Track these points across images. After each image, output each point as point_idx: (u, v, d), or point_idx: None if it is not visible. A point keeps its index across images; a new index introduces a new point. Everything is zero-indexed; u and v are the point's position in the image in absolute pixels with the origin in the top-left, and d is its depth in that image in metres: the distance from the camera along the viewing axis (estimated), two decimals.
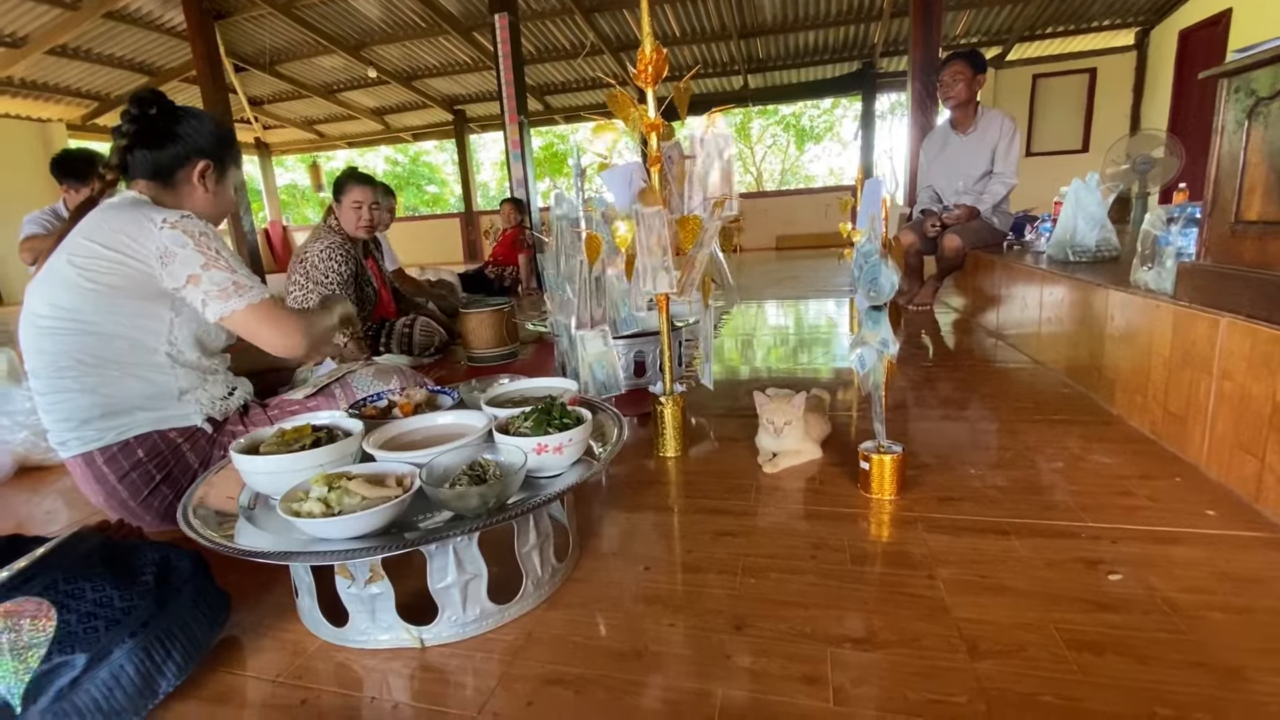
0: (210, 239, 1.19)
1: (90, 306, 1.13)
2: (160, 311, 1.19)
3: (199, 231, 1.17)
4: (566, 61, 9.23)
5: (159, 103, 1.26)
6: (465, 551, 0.86)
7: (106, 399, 1.16)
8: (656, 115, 1.32)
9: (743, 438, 1.59)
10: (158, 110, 1.25)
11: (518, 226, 5.59)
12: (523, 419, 0.97)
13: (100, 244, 1.13)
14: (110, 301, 1.14)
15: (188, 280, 1.15)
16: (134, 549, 0.85)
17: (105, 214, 1.17)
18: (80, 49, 7.79)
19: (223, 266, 1.18)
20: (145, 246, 1.13)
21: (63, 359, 1.13)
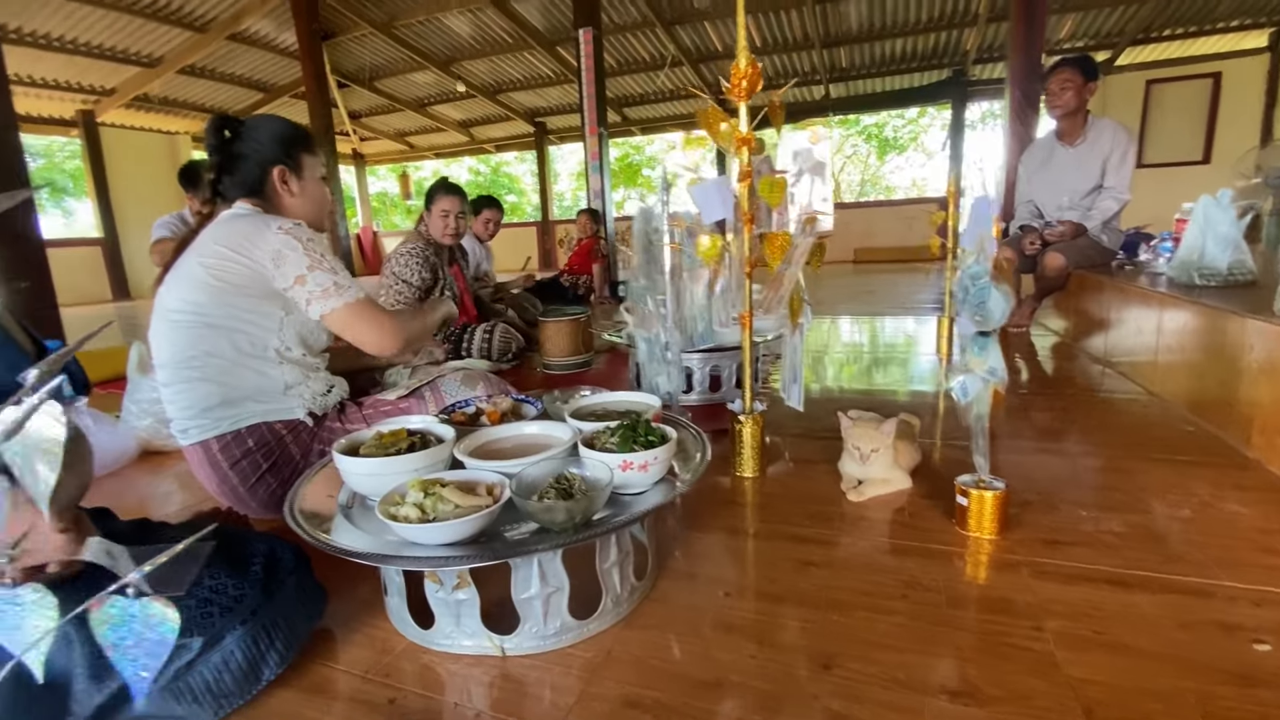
0: (316, 244, 1.28)
1: (214, 302, 1.23)
2: (272, 310, 1.28)
3: (307, 238, 1.27)
4: (645, 74, 9.36)
5: (227, 127, 1.36)
6: (549, 564, 0.86)
7: (223, 389, 1.25)
8: (749, 129, 1.30)
9: (823, 461, 1.53)
10: (229, 135, 1.35)
11: (593, 236, 5.68)
12: (609, 434, 0.97)
13: (225, 246, 1.23)
14: (232, 298, 1.24)
15: (295, 280, 1.24)
16: (244, 540, 0.90)
17: (229, 221, 1.28)
18: (205, 68, 8.57)
19: (325, 269, 1.26)
20: (262, 249, 1.22)
21: (189, 350, 1.24)
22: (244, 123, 1.37)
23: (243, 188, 1.34)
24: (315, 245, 1.27)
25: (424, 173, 15.68)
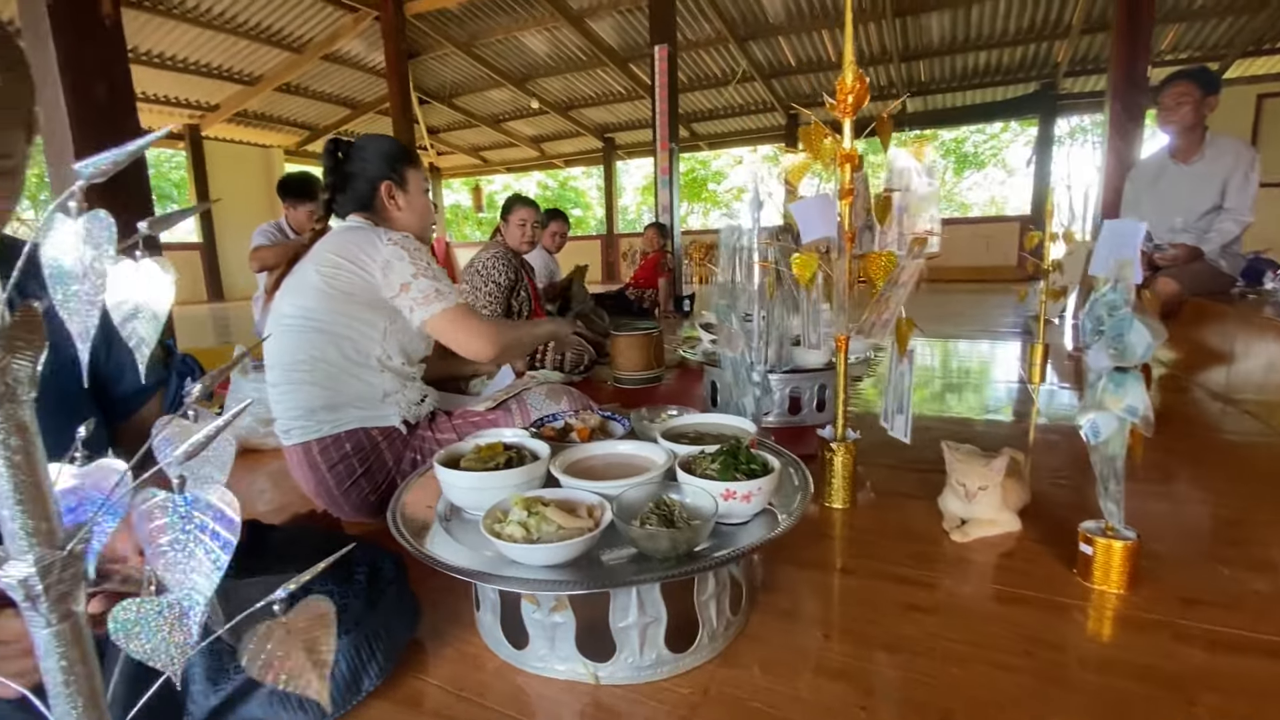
0: (421, 254, 1.33)
1: (325, 308, 1.28)
2: (378, 319, 1.33)
3: (414, 248, 1.33)
4: (716, 89, 9.35)
5: (339, 149, 1.44)
6: (647, 594, 0.83)
7: (327, 394, 1.29)
8: (853, 146, 1.25)
9: (919, 495, 1.44)
10: (341, 156, 1.43)
11: (660, 251, 5.69)
12: (709, 460, 0.94)
13: (339, 255, 1.29)
14: (342, 305, 1.29)
15: (400, 288, 1.29)
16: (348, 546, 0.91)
17: (343, 233, 1.35)
18: (299, 86, 9.13)
19: (428, 276, 1.31)
20: (374, 258, 1.28)
21: (298, 354, 1.29)
22: (354, 144, 1.45)
23: (354, 203, 1.41)
24: (420, 255, 1.33)
25: (495, 186, 16.18)
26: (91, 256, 0.32)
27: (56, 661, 0.37)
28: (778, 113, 9.95)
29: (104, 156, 0.30)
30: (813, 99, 9.40)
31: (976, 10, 6.97)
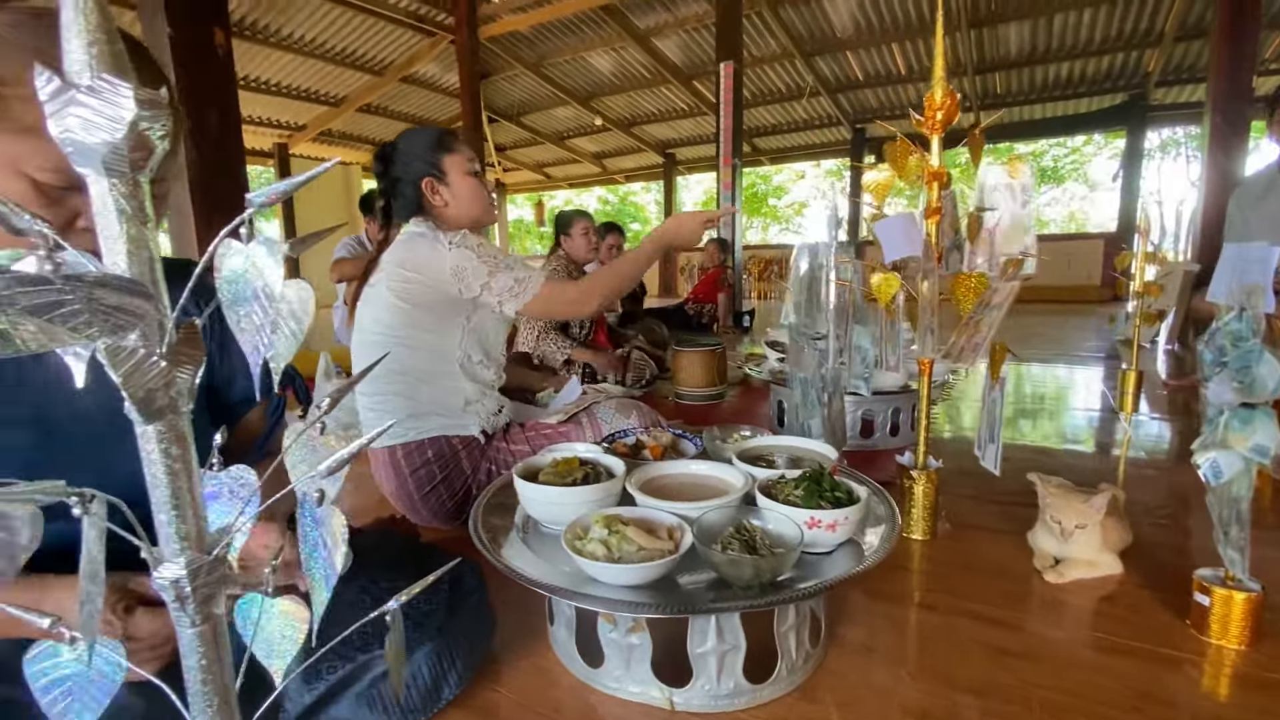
0: (486, 249, 1.33)
1: (401, 321, 1.33)
2: (457, 320, 1.36)
3: (477, 245, 1.32)
4: (779, 104, 9.29)
5: (384, 156, 1.45)
6: (727, 621, 0.82)
7: (411, 403, 1.34)
8: (941, 163, 1.21)
9: (1004, 529, 1.37)
10: (383, 164, 1.45)
11: (720, 266, 5.67)
12: (791, 485, 0.91)
13: (407, 268, 1.32)
14: (417, 316, 1.33)
15: (482, 289, 1.31)
16: (430, 553, 0.94)
17: (406, 244, 1.36)
18: (379, 106, 9.62)
19: (503, 269, 1.31)
20: (442, 266, 1.30)
21: (383, 366, 1.34)
22: (388, 147, 1.45)
23: (407, 209, 1.42)
24: (486, 250, 1.32)
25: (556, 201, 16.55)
26: (262, 282, 0.34)
27: (197, 660, 0.39)
28: (843, 127, 9.78)
29: (274, 188, 0.32)
30: (880, 112, 9.21)
31: (1059, 20, 6.67)
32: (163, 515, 0.37)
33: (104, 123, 0.31)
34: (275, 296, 0.33)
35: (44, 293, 0.28)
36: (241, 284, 0.34)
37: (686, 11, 7.28)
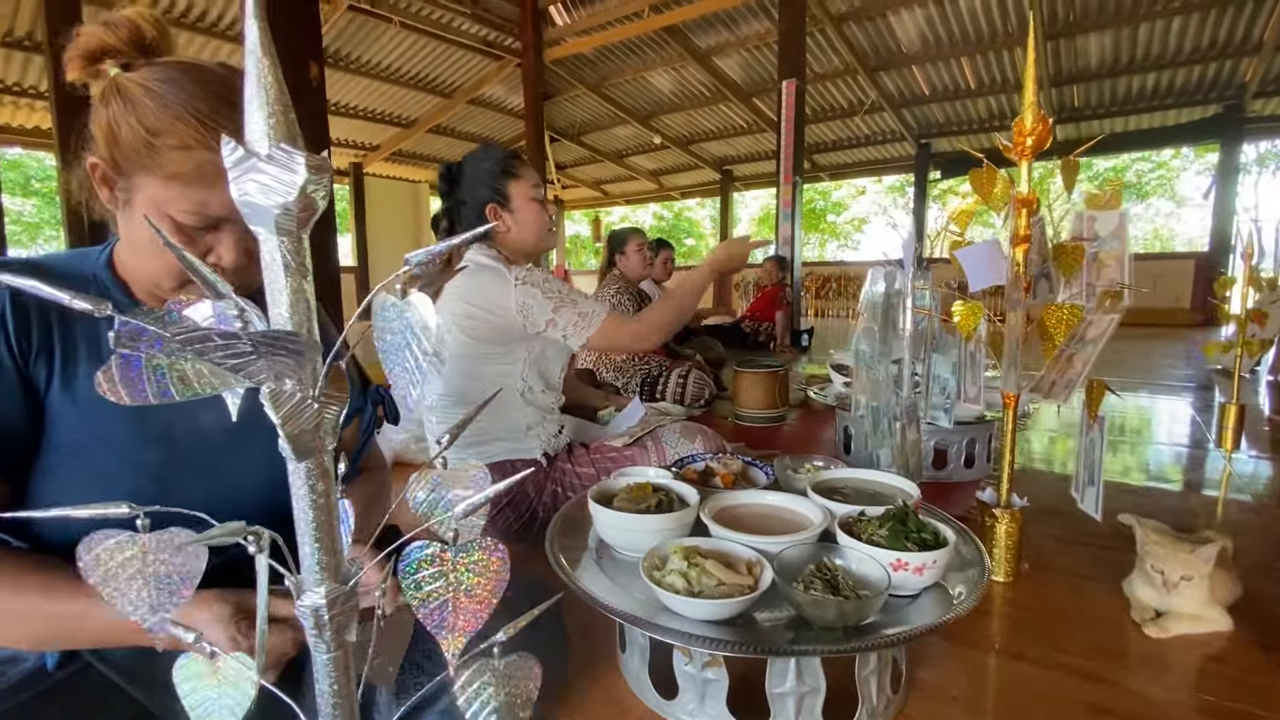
0: (551, 284, 1.35)
1: (464, 354, 1.37)
2: (518, 353, 1.39)
3: (542, 281, 1.34)
4: (842, 120, 9.17)
5: (449, 176, 1.46)
6: (807, 663, 0.80)
7: (478, 429, 1.38)
8: (1031, 190, 1.16)
9: (1093, 574, 1.29)
10: (449, 184, 1.46)
11: (778, 284, 5.60)
12: (874, 524, 0.89)
13: (470, 304, 1.35)
14: (481, 349, 1.37)
15: (547, 324, 1.34)
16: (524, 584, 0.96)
17: (471, 276, 1.38)
18: (446, 127, 10.03)
19: (568, 304, 1.34)
20: (508, 303, 1.33)
21: (450, 395, 1.39)
22: (455, 167, 1.46)
23: (468, 229, 1.42)
24: (551, 285, 1.34)
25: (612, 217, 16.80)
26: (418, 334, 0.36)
27: (330, 684, 0.41)
28: (907, 142, 9.56)
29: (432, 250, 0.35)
30: (946, 128, 8.96)
31: (1146, 29, 6.35)
32: (307, 546, 0.40)
33: (279, 187, 0.34)
34: (429, 351, 0.35)
35: (231, 346, 0.31)
36: (399, 337, 0.36)
37: (748, 30, 7.31)
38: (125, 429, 0.71)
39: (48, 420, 0.68)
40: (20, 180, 13.16)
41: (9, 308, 0.67)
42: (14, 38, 6.27)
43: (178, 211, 0.65)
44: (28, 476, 0.68)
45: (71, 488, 0.68)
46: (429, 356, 0.35)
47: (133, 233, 0.70)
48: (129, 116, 0.63)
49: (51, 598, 0.61)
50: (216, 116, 0.64)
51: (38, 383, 0.68)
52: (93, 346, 0.72)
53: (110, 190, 0.69)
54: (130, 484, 0.70)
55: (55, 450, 0.68)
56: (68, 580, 0.63)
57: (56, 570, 0.63)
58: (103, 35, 0.66)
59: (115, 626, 0.62)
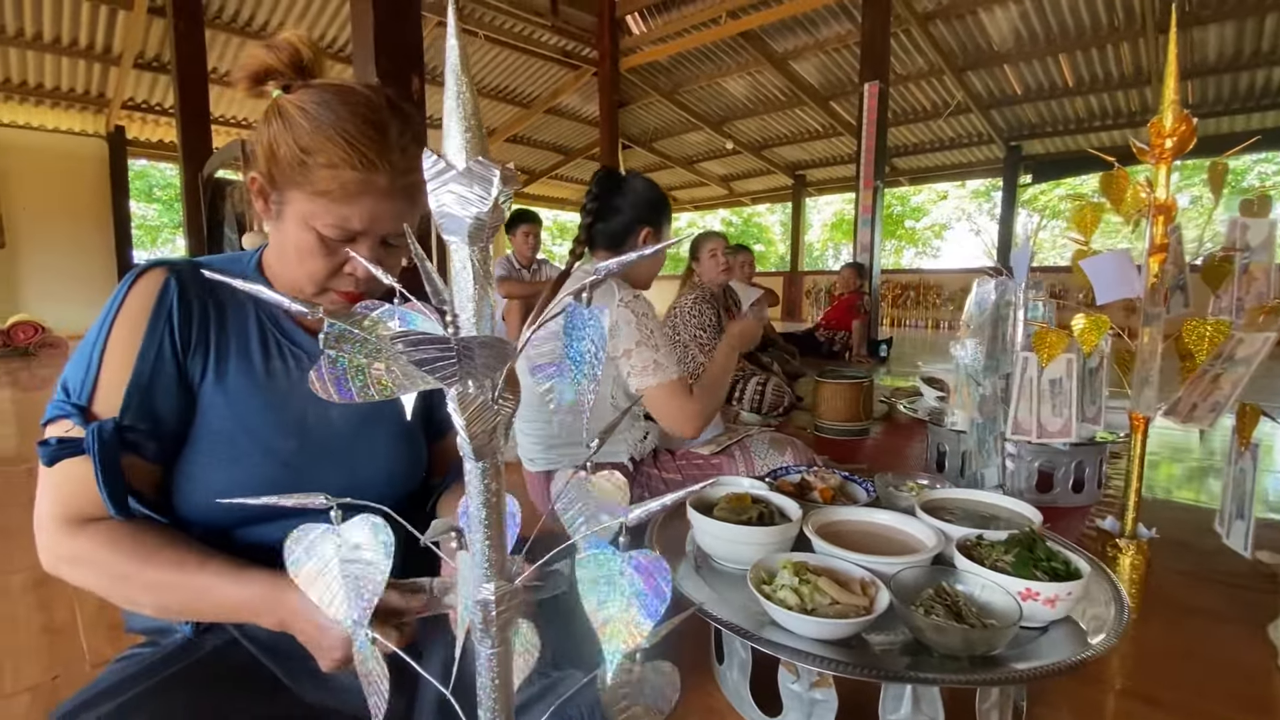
0: (648, 320, 1.31)
1: None
2: (609, 372, 1.39)
3: (642, 313, 1.31)
4: (925, 123, 8.84)
5: (610, 179, 1.46)
6: (925, 690, 0.76)
7: (565, 432, 1.40)
8: (1170, 196, 1.08)
9: (1231, 616, 1.17)
10: (610, 186, 1.45)
11: (856, 292, 5.44)
12: (999, 549, 0.84)
13: None
14: None
15: (623, 353, 1.30)
16: None
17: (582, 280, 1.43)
18: (523, 136, 10.32)
19: (650, 346, 1.29)
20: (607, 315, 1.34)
21: (540, 398, 1.41)
22: (625, 178, 1.47)
23: (609, 238, 1.45)
24: (646, 321, 1.31)
25: (680, 223, 16.81)
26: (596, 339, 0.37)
27: (490, 678, 0.42)
28: (995, 145, 9.09)
29: (624, 259, 0.35)
30: (1040, 129, 8.47)
31: (1273, 19, 5.79)
32: (478, 544, 0.41)
33: (475, 199, 0.35)
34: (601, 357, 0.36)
35: (437, 349, 0.32)
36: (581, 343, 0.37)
37: (828, 33, 7.16)
38: (265, 419, 0.76)
39: (199, 409, 0.74)
40: (144, 188, 14.51)
41: (176, 304, 0.74)
42: (144, 59, 6.93)
43: (322, 225, 0.70)
44: (176, 460, 0.74)
45: (216, 470, 0.74)
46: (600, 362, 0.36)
47: (283, 241, 0.75)
48: (286, 135, 0.68)
49: (182, 571, 0.67)
50: (362, 138, 0.68)
51: (193, 375, 0.74)
52: (241, 341, 0.78)
53: (265, 202, 0.74)
54: (267, 470, 0.75)
55: (206, 437, 0.74)
56: (196, 557, 0.68)
57: (188, 547, 0.69)
58: (265, 58, 0.72)
59: (227, 604, 0.67)
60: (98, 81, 7.21)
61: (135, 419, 0.68)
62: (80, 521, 0.68)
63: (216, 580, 0.67)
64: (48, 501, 0.68)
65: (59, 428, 0.68)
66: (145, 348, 0.70)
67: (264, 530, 0.77)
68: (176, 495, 0.74)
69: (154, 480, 0.73)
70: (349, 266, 0.74)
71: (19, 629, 1.15)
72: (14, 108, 7.27)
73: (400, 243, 0.77)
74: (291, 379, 0.80)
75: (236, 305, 0.79)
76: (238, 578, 0.67)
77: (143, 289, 0.73)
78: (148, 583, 0.67)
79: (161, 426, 0.71)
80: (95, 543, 0.67)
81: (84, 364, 0.69)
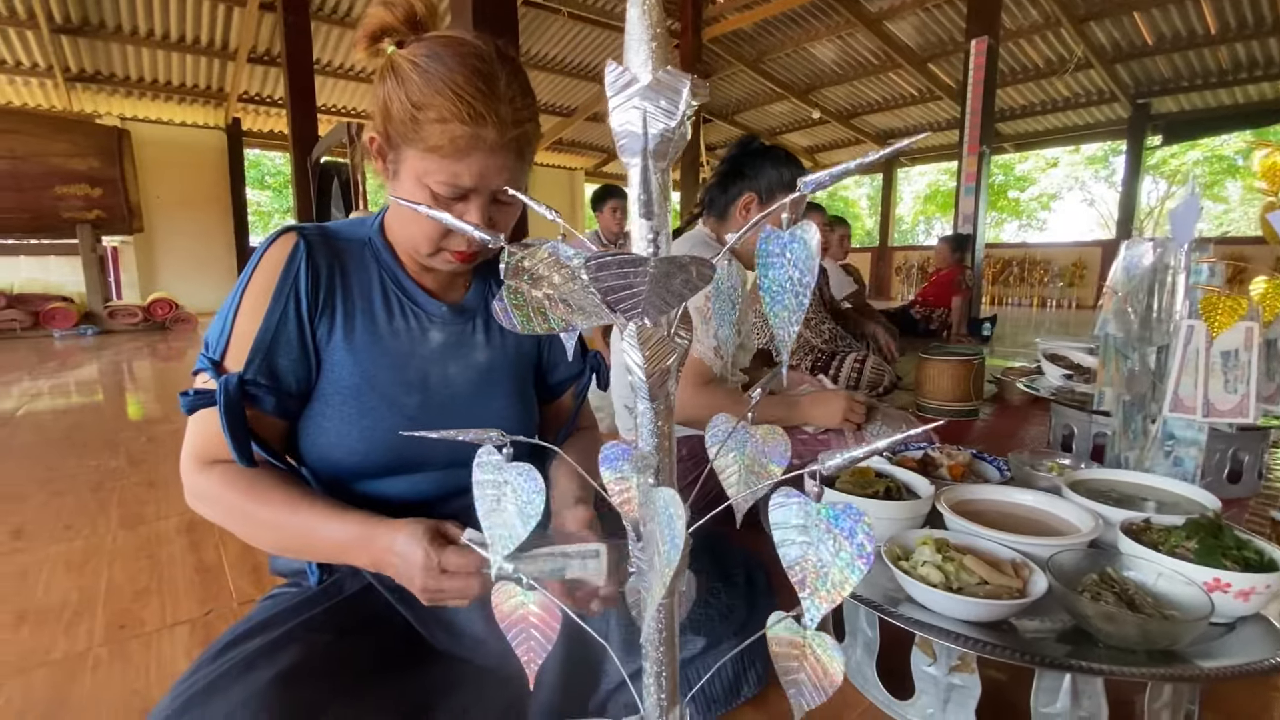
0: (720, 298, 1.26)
1: None
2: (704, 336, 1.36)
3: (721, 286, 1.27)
4: (1036, 82, 8.11)
5: (749, 145, 1.40)
6: (1087, 683, 0.69)
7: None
8: None
9: None
10: (745, 153, 1.39)
11: (957, 266, 5.09)
12: (1178, 534, 0.75)
13: None
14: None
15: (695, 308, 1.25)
16: (723, 546, 0.94)
17: (683, 243, 1.39)
18: (602, 114, 10.29)
19: (705, 321, 1.24)
20: None
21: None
22: (766, 147, 1.40)
23: (721, 205, 1.40)
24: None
25: None
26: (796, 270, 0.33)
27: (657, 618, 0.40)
28: (1118, 104, 8.21)
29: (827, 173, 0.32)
30: (1174, 84, 7.56)
31: None
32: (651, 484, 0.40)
33: (661, 113, 0.33)
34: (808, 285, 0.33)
35: (628, 272, 0.30)
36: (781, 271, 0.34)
37: None
38: (390, 375, 0.78)
39: (325, 367, 0.77)
40: (257, 177, 15.68)
41: (304, 268, 0.76)
42: (256, 53, 7.41)
43: (434, 182, 0.70)
44: (301, 415, 0.77)
45: (346, 424, 0.77)
46: (806, 291, 0.33)
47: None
48: (399, 92, 0.68)
49: (290, 511, 0.70)
50: (470, 89, 0.66)
51: (320, 335, 0.77)
52: (366, 301, 0.80)
53: (383, 162, 0.75)
54: (392, 423, 0.78)
55: (336, 392, 0.77)
56: (303, 500, 0.71)
57: (298, 490, 0.73)
58: (383, 15, 0.72)
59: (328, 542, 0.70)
60: (217, 76, 7.80)
61: (257, 374, 0.72)
62: (210, 462, 0.73)
63: (319, 520, 0.71)
64: (188, 445, 0.74)
65: (200, 380, 0.73)
66: (271, 309, 0.73)
67: (387, 484, 0.80)
68: (307, 447, 0.78)
69: (278, 432, 0.76)
70: None
71: (175, 568, 1.27)
72: (146, 104, 8.01)
73: (510, 200, 0.76)
74: (414, 337, 0.82)
75: (361, 267, 0.82)
76: (339, 518, 0.70)
77: (275, 253, 0.76)
78: (263, 520, 0.71)
79: (281, 383, 0.74)
80: (216, 481, 0.71)
81: (221, 323, 0.73)
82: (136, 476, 1.80)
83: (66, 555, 1.32)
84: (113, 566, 1.27)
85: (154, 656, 0.98)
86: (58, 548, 1.36)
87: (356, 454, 0.77)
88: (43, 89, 7.36)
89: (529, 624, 0.46)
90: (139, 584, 1.20)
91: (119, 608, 1.12)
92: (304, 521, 0.71)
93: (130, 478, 1.79)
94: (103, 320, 6.04)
